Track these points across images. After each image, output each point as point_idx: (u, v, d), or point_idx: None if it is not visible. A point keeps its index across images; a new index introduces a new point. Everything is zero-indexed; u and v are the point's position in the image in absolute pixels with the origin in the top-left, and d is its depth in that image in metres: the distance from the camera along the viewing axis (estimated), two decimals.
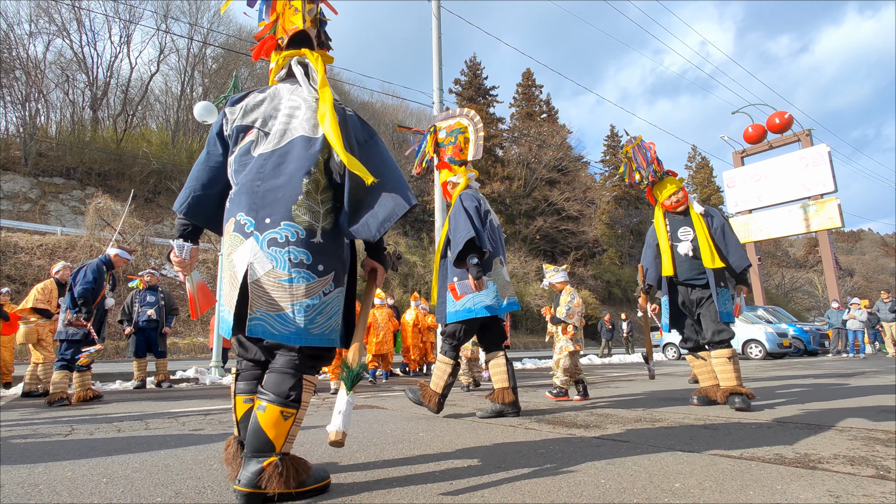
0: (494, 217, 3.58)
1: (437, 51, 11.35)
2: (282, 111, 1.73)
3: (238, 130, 1.72)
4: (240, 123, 1.72)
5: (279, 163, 1.63)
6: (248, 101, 1.76)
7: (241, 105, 1.76)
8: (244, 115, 1.74)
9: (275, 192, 1.59)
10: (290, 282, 1.55)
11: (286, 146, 1.66)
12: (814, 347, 13.98)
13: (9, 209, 20.95)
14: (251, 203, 1.60)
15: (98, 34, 27.54)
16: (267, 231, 1.56)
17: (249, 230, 1.58)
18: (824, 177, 19.06)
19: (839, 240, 69.75)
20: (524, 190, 34.04)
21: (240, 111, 1.75)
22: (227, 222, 1.66)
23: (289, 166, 1.62)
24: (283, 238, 1.56)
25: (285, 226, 1.57)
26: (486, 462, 1.94)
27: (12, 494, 1.62)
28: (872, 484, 1.55)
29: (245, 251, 1.57)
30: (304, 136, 1.66)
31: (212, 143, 1.77)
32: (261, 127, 1.70)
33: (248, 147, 1.69)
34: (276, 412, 1.48)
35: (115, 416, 3.69)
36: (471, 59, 36.04)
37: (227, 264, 1.64)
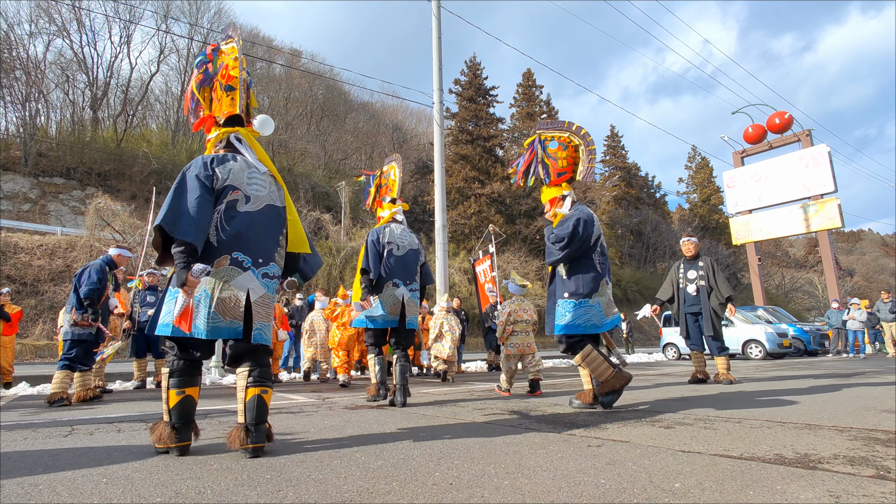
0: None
1: (437, 51, 11.35)
2: (255, 180, 2.36)
3: (228, 189, 2.26)
4: (230, 184, 2.27)
5: (264, 222, 2.34)
6: (231, 167, 2.31)
7: (226, 167, 2.29)
8: (232, 178, 2.29)
9: (265, 242, 2.32)
10: (272, 302, 2.35)
11: (265, 209, 2.35)
12: (814, 347, 13.97)
13: (9, 209, 20.95)
14: (247, 247, 2.24)
15: (98, 34, 27.53)
16: (261, 268, 2.28)
17: (247, 266, 2.23)
18: (824, 177, 19.07)
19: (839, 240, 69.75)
20: (524, 190, 34.03)
21: (227, 173, 2.28)
22: (220, 256, 2.19)
23: (270, 225, 2.36)
24: (271, 273, 2.33)
25: (272, 265, 2.34)
26: (486, 462, 1.94)
27: (12, 494, 1.62)
28: (872, 484, 1.55)
29: (244, 280, 2.21)
30: (275, 205, 2.42)
31: (209, 190, 2.21)
32: (244, 191, 2.30)
33: (234, 204, 2.27)
34: (272, 393, 2.32)
35: (115, 416, 3.69)
36: (471, 60, 36.02)
37: (222, 286, 2.18)
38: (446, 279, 10.58)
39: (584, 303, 3.47)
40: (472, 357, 12.73)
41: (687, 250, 5.98)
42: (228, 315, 2.16)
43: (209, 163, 2.27)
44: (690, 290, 5.81)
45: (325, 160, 34.67)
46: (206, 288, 2.18)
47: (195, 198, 2.14)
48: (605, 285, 3.56)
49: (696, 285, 5.78)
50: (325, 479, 1.74)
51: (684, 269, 5.97)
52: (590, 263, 3.54)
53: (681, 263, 6.05)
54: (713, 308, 5.66)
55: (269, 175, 2.43)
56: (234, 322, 2.18)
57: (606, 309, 3.51)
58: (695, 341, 5.85)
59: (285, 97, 34.56)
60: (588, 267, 3.53)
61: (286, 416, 3.45)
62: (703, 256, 5.95)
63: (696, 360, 5.83)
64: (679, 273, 6.00)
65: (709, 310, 5.66)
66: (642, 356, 14.74)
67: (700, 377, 5.66)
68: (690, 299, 5.83)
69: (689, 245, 5.98)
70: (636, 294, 37.40)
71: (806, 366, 8.96)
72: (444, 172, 11.30)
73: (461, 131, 33.88)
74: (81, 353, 5.04)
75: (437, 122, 11.30)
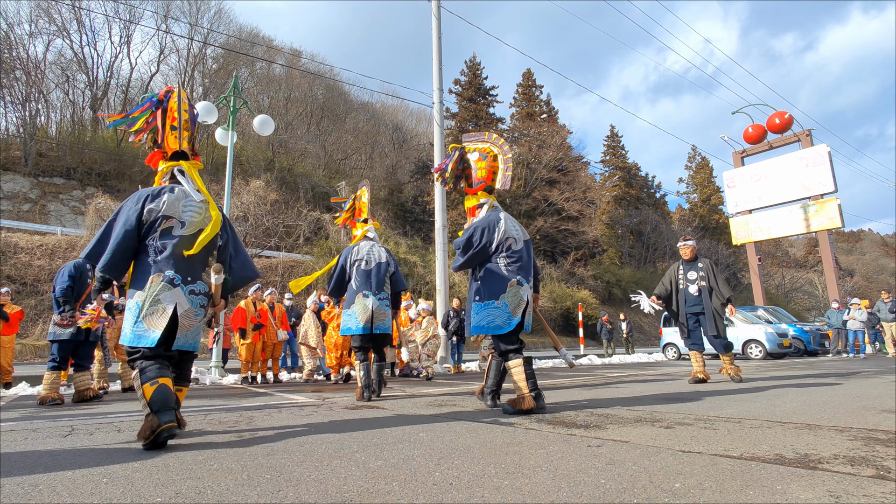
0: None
1: (437, 51, 11.35)
2: (190, 208, 2.70)
3: (162, 219, 2.60)
4: (164, 214, 2.61)
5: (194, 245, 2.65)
6: (165, 198, 2.65)
7: (161, 200, 2.64)
8: (165, 209, 2.62)
9: (195, 263, 2.65)
10: (196, 316, 2.63)
11: (197, 233, 2.66)
12: (814, 347, 13.98)
13: (9, 209, 20.95)
14: (178, 267, 2.58)
15: (98, 34, 27.54)
16: (189, 285, 2.60)
17: (177, 283, 2.56)
18: (824, 177, 19.06)
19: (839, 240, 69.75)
20: (524, 190, 34.02)
21: (163, 204, 2.62)
22: (154, 274, 2.53)
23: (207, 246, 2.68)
24: (197, 290, 2.65)
25: (199, 283, 2.66)
26: (486, 462, 1.94)
27: (12, 494, 1.62)
28: (872, 484, 1.55)
29: (173, 295, 2.54)
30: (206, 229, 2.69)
31: (136, 226, 2.57)
32: (178, 218, 2.64)
33: (169, 230, 2.61)
34: (186, 390, 2.77)
35: (115, 417, 3.69)
36: (471, 60, 36.04)
37: (153, 300, 2.50)
38: (446, 279, 10.58)
39: (488, 304, 3.61)
40: (472, 357, 12.73)
41: (685, 254, 6.08)
42: (152, 325, 2.48)
43: (143, 199, 2.63)
44: (692, 290, 5.88)
45: (325, 160, 34.67)
46: (138, 301, 2.51)
47: (119, 232, 2.55)
48: (517, 286, 3.63)
49: (697, 286, 5.85)
50: (325, 479, 1.74)
51: (683, 269, 6.05)
52: (494, 267, 3.69)
53: (680, 265, 6.12)
54: (715, 308, 5.72)
55: (205, 202, 2.78)
56: (153, 331, 2.48)
57: (515, 309, 3.57)
58: (695, 341, 5.88)
59: (285, 97, 34.57)
60: (493, 270, 3.69)
61: (286, 416, 3.45)
62: (701, 258, 6.04)
63: (695, 361, 5.84)
64: (679, 274, 6.07)
65: (711, 310, 5.72)
66: (642, 356, 14.75)
67: (700, 377, 5.67)
68: (692, 300, 5.89)
69: (686, 249, 6.08)
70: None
71: (806, 366, 8.96)
72: None
73: (461, 131, 33.87)
74: (65, 353, 5.11)
75: (437, 122, 11.30)
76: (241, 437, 2.61)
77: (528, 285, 3.74)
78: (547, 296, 26.97)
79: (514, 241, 3.80)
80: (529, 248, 3.92)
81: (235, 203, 19.39)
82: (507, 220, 3.91)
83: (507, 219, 3.90)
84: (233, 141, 8.83)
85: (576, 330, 21.52)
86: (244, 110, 9.97)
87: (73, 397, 5.09)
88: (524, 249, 3.84)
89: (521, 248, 3.82)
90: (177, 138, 2.84)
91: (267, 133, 9.54)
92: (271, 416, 3.46)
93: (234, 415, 3.60)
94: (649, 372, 8.33)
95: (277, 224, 21.22)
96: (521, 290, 3.64)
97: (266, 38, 36.53)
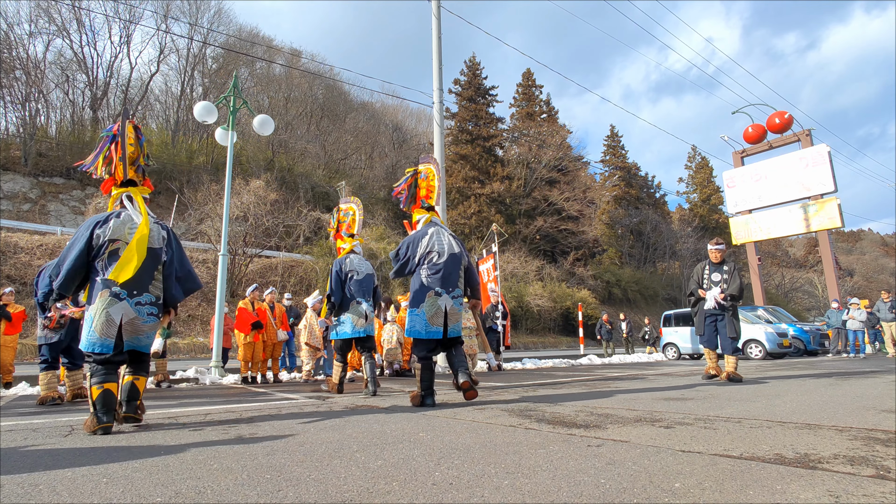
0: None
1: (437, 51, 11.34)
2: (134, 230, 3.04)
3: (109, 241, 2.98)
4: (110, 237, 2.99)
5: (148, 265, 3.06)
6: (113, 223, 3.03)
7: (108, 225, 3.02)
8: (112, 232, 3.00)
9: (141, 277, 3.01)
10: (143, 323, 3.02)
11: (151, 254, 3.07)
12: (814, 347, 13.97)
13: (9, 209, 20.94)
14: (124, 282, 2.94)
15: (98, 34, 27.55)
16: (135, 297, 2.99)
17: (123, 297, 2.94)
18: (824, 177, 19.06)
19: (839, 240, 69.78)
20: (524, 190, 34.03)
21: (109, 230, 3.00)
22: (103, 290, 2.91)
23: (145, 264, 3.03)
24: (143, 301, 3.02)
25: (145, 295, 3.04)
26: (486, 462, 1.94)
27: (12, 494, 1.62)
28: (872, 484, 1.55)
29: (119, 308, 2.93)
30: (152, 247, 3.10)
31: (85, 250, 2.96)
32: (124, 240, 3.01)
33: (116, 251, 2.99)
34: (145, 381, 3.15)
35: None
36: (470, 59, 36.03)
37: (103, 313, 2.90)
38: None
39: (412, 311, 4.07)
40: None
41: (714, 257, 6.28)
42: (103, 334, 2.88)
43: (92, 225, 3.03)
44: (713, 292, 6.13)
45: (325, 160, 34.67)
46: (90, 314, 2.90)
47: (73, 256, 2.96)
48: (434, 296, 3.99)
49: (719, 288, 6.10)
50: (325, 479, 1.74)
51: (709, 271, 6.27)
52: (418, 278, 4.11)
53: (706, 265, 6.34)
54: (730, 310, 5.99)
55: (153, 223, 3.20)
56: (105, 339, 2.88)
57: (431, 318, 3.96)
58: (709, 339, 6.15)
59: (285, 97, 34.57)
60: (417, 281, 4.10)
61: (286, 416, 3.45)
62: (728, 261, 6.25)
63: (709, 358, 6.16)
64: (704, 274, 6.31)
65: (729, 312, 5.97)
66: (642, 356, 14.75)
67: (713, 373, 6.03)
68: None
69: (715, 253, 6.27)
70: (636, 294, 37.41)
71: (806, 366, 8.96)
72: (444, 172, 11.30)
73: (461, 131, 33.88)
74: (55, 353, 5.21)
75: (437, 122, 11.30)
76: (241, 437, 2.61)
77: (447, 296, 4.03)
78: (547, 296, 26.97)
79: (438, 254, 4.15)
80: (457, 261, 4.21)
81: (235, 203, 19.38)
82: (437, 234, 4.27)
83: (436, 233, 4.26)
84: (233, 141, 8.83)
85: (576, 330, 21.52)
86: (244, 110, 9.97)
87: (65, 396, 5.15)
88: (448, 262, 4.14)
89: (443, 261, 4.13)
90: (124, 168, 3.26)
91: (267, 133, 9.54)
92: (271, 416, 3.46)
93: (234, 415, 3.60)
94: (649, 372, 8.33)
95: (277, 224, 21.22)
96: (438, 300, 3.99)
97: (266, 38, 36.53)
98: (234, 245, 18.37)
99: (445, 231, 4.55)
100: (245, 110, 9.83)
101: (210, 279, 17.80)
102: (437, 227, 4.63)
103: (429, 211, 4.54)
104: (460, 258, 4.44)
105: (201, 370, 7.88)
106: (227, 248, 8.67)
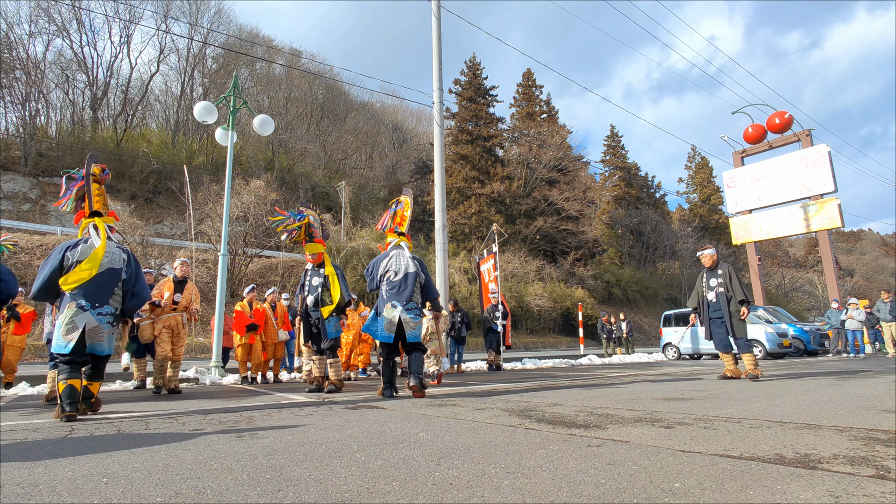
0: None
1: (437, 51, 11.34)
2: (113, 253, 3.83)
3: (76, 262, 3.67)
4: (78, 259, 3.68)
5: (103, 280, 3.74)
6: (80, 248, 3.74)
7: (77, 249, 3.73)
8: (79, 255, 3.70)
9: (102, 292, 3.72)
10: (104, 330, 3.68)
11: (105, 272, 3.75)
12: (814, 347, 13.97)
13: (9, 209, 20.94)
14: (87, 296, 3.64)
15: (98, 34, 27.55)
16: (97, 309, 3.66)
17: (86, 308, 3.61)
18: (824, 177, 19.06)
19: (839, 240, 69.78)
20: (524, 190, 34.02)
21: (77, 252, 3.71)
22: (70, 302, 3.60)
23: (106, 281, 3.76)
24: (104, 312, 3.71)
25: (106, 307, 3.73)
26: (486, 462, 1.94)
27: (12, 494, 1.62)
28: (872, 484, 1.55)
29: (83, 317, 3.59)
30: (113, 267, 3.83)
31: (58, 268, 3.67)
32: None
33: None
34: (99, 385, 3.86)
35: (115, 416, 3.69)
36: (470, 60, 36.02)
37: (69, 321, 3.55)
38: (446, 279, 10.57)
39: (373, 316, 4.95)
40: (471, 357, 12.74)
41: (705, 262, 6.38)
42: (68, 338, 3.52)
43: (64, 249, 3.72)
44: (710, 297, 6.25)
45: (325, 160, 34.67)
46: (59, 321, 3.58)
47: (46, 273, 3.66)
48: (391, 308, 4.83)
49: (715, 292, 6.19)
50: (325, 479, 1.74)
51: (706, 278, 6.38)
52: (380, 292, 5.02)
53: (704, 273, 6.45)
54: (732, 311, 6.04)
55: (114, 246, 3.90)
56: (69, 343, 3.51)
57: (388, 325, 4.80)
58: (720, 341, 6.21)
59: (285, 97, 34.57)
60: (380, 294, 5.01)
61: (286, 416, 3.45)
62: (721, 264, 6.32)
63: (726, 360, 6.22)
64: (702, 283, 6.42)
65: (729, 314, 6.04)
66: (642, 356, 14.75)
67: (729, 375, 6.06)
68: (712, 306, 6.25)
69: (705, 258, 6.38)
70: (636, 294, 37.39)
71: (806, 366, 8.96)
72: (444, 172, 11.29)
73: (461, 131, 33.87)
74: None
75: (437, 122, 11.30)
76: (241, 437, 2.61)
77: (401, 307, 4.82)
78: (547, 296, 26.98)
79: (394, 273, 5.01)
80: (411, 279, 4.99)
81: (235, 203, 19.38)
82: (397, 257, 5.12)
83: (396, 256, 5.13)
84: (233, 141, 8.83)
85: (576, 330, 21.52)
86: (244, 110, 9.97)
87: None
88: (403, 280, 4.97)
89: (398, 279, 4.97)
90: (89, 203, 3.95)
91: (267, 133, 9.54)
92: (271, 416, 3.46)
93: (234, 415, 3.60)
94: (649, 372, 8.33)
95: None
96: (393, 311, 4.80)
97: (266, 38, 36.54)
98: (234, 245, 18.37)
99: (405, 253, 5.22)
100: (245, 110, 9.82)
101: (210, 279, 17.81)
102: (399, 250, 5.30)
103: (400, 236, 5.33)
104: (416, 276, 5.06)
105: (201, 370, 7.88)
106: (227, 248, 8.67)
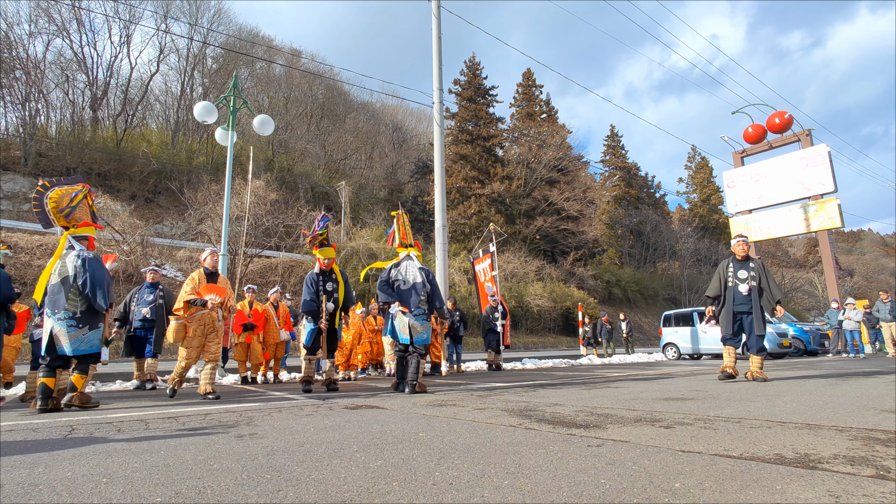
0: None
1: (437, 51, 11.34)
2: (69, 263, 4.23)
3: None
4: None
5: (61, 288, 4.17)
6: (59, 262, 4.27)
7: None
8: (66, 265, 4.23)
9: (59, 300, 4.14)
10: (67, 333, 4.12)
11: (63, 279, 4.18)
12: (814, 347, 13.98)
13: (9, 209, 20.93)
14: (50, 304, 4.14)
15: (98, 34, 27.53)
16: (56, 314, 4.11)
17: (49, 315, 4.12)
18: (824, 177, 19.05)
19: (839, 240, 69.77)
20: (524, 190, 34.01)
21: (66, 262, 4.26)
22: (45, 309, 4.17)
23: (64, 287, 4.17)
24: (62, 317, 4.12)
25: (63, 312, 4.13)
26: (486, 462, 1.94)
27: (12, 494, 1.62)
28: (872, 484, 1.55)
29: (49, 323, 4.12)
30: (66, 276, 4.20)
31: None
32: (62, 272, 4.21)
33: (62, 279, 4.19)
34: (83, 378, 4.29)
35: (115, 416, 3.69)
36: (470, 59, 36.00)
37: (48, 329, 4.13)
38: (446, 279, 10.57)
39: (389, 323, 5.52)
40: (471, 357, 12.73)
41: (741, 251, 6.08)
42: (43, 342, 4.12)
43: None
44: (742, 289, 5.95)
45: (325, 160, 34.65)
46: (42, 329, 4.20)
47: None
48: (400, 315, 5.36)
49: (748, 285, 5.92)
50: (325, 479, 1.74)
51: (734, 268, 6.08)
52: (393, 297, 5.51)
53: (730, 262, 6.15)
54: (763, 307, 5.89)
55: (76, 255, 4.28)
56: (43, 346, 4.12)
57: (401, 329, 5.37)
58: (733, 337, 6.08)
59: (285, 97, 34.54)
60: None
61: (286, 416, 3.45)
62: (752, 258, 6.08)
63: (729, 355, 6.08)
64: (728, 271, 6.10)
65: (759, 310, 5.86)
66: (642, 356, 14.75)
67: (730, 372, 5.95)
68: (741, 298, 5.96)
69: (742, 246, 6.08)
70: (636, 294, 37.39)
71: (806, 366, 8.97)
72: (444, 172, 11.29)
73: (461, 131, 33.86)
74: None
75: (437, 122, 11.29)
76: (241, 437, 2.61)
77: (410, 314, 5.32)
78: (547, 296, 26.96)
79: (403, 283, 5.48)
80: (418, 288, 5.43)
81: (235, 203, 19.38)
82: (407, 267, 5.59)
83: (406, 266, 5.59)
84: (233, 141, 8.82)
85: (575, 330, 21.52)
86: (244, 110, 9.97)
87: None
88: (411, 289, 5.43)
89: (407, 289, 5.44)
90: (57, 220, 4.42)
91: (267, 133, 9.54)
92: (271, 416, 3.46)
93: (234, 415, 3.60)
94: (649, 372, 8.33)
95: (277, 224, 21.20)
96: (404, 317, 5.33)
97: (266, 38, 36.51)
98: (234, 245, 18.37)
99: (415, 264, 5.64)
100: (245, 110, 9.82)
101: None
102: (408, 262, 5.69)
103: (409, 247, 5.79)
104: (423, 286, 5.47)
105: (201, 370, 7.87)
106: (227, 248, 8.66)
